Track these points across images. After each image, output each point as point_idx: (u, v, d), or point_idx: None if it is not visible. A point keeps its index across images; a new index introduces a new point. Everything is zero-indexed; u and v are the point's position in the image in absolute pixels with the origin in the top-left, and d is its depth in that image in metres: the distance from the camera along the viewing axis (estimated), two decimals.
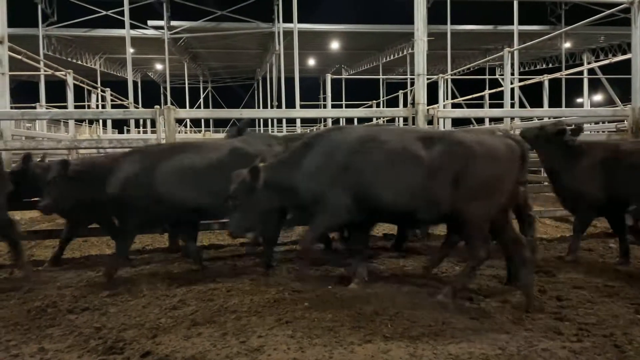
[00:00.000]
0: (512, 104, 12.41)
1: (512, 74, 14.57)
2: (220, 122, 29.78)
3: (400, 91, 19.72)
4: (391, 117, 16.06)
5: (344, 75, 28.98)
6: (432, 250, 5.33)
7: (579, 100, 24.97)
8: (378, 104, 21.09)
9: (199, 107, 28.49)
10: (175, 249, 5.87)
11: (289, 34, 16.73)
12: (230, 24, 20.36)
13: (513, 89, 12.82)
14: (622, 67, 10.46)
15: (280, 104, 17.88)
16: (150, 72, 31.18)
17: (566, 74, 16.86)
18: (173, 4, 19.71)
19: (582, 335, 3.15)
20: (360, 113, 11.50)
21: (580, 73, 17.68)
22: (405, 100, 18.94)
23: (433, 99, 12.91)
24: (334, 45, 24.96)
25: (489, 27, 22.01)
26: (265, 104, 26.34)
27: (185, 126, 26.08)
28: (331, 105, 17.74)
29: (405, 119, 7.27)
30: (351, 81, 27.68)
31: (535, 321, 3.42)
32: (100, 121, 17.05)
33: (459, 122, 18.38)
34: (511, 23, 16.48)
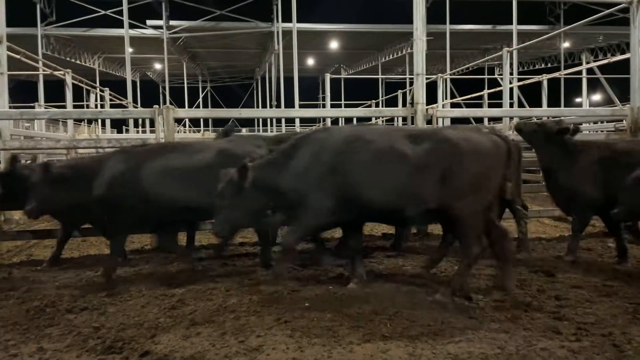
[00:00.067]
0: (511, 104, 12.41)
1: (511, 73, 14.56)
2: (219, 122, 29.76)
3: (400, 91, 19.72)
4: (390, 117, 16.06)
5: (343, 74, 28.98)
6: (431, 250, 5.33)
7: (578, 99, 24.96)
8: (377, 103, 21.07)
9: (198, 107, 28.49)
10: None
11: (288, 33, 16.71)
12: (229, 23, 20.36)
13: (512, 88, 12.82)
14: (621, 67, 10.48)
15: (279, 104, 17.87)
16: (149, 72, 31.16)
17: (565, 74, 16.87)
18: (172, 3, 19.71)
19: (581, 335, 3.16)
20: (359, 113, 11.51)
21: (579, 73, 17.65)
22: (405, 100, 18.96)
23: (432, 98, 12.95)
24: (333, 44, 24.97)
25: (488, 27, 22.01)
26: (264, 103, 26.33)
27: (184, 126, 26.07)
28: (330, 105, 17.68)
29: (404, 119, 7.26)
30: (350, 81, 27.70)
31: (534, 320, 3.42)
32: (99, 121, 17.02)
33: (458, 122, 18.28)
34: (510, 23, 16.45)
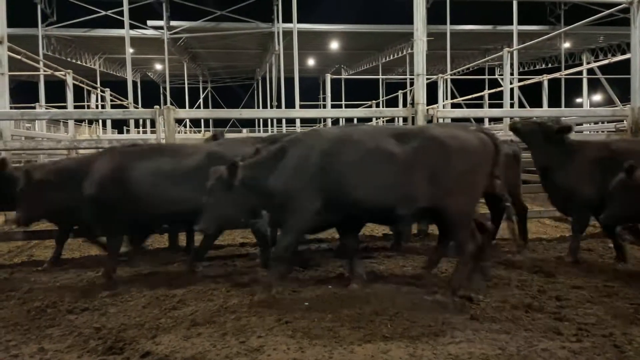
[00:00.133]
0: (512, 104, 12.42)
1: (512, 74, 14.58)
2: (220, 122, 29.82)
3: (400, 91, 19.72)
4: (391, 117, 16.06)
5: (344, 75, 28.94)
6: (430, 251, 5.33)
7: (579, 100, 24.98)
8: (378, 104, 21.08)
9: (198, 107, 28.46)
10: (175, 249, 5.87)
11: (288, 34, 16.71)
12: (229, 24, 20.34)
13: (512, 89, 12.82)
14: (622, 67, 10.49)
15: (279, 104, 17.86)
16: (150, 72, 31.15)
17: (565, 74, 16.87)
18: (172, 4, 19.70)
19: (582, 335, 3.15)
20: (359, 113, 11.50)
21: (580, 73, 17.67)
22: (405, 100, 18.95)
23: (432, 99, 12.93)
24: (334, 45, 24.94)
25: (489, 27, 21.98)
26: (265, 104, 26.32)
27: (184, 126, 26.07)
28: (331, 106, 17.72)
29: (404, 119, 7.27)
30: (351, 81, 27.67)
31: (534, 321, 3.42)
32: (100, 121, 17.02)
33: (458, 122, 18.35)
34: (510, 23, 16.45)
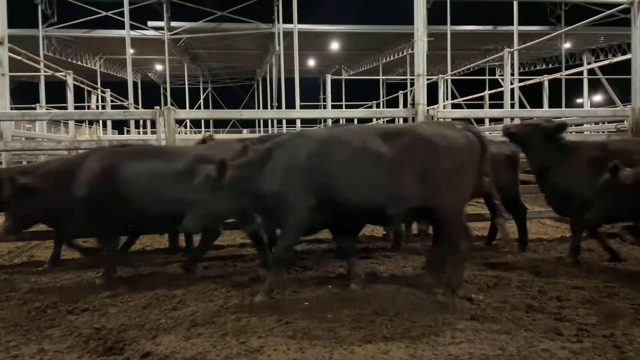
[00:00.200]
0: (512, 105, 12.43)
1: (512, 74, 14.58)
2: (220, 123, 29.87)
3: (400, 92, 19.71)
4: (391, 118, 16.06)
5: (344, 75, 28.98)
6: (428, 251, 5.31)
7: (579, 100, 25.01)
8: (378, 104, 21.08)
9: (199, 108, 28.48)
10: (175, 250, 5.87)
11: (288, 34, 16.72)
12: (230, 24, 20.37)
13: (513, 89, 12.83)
14: (622, 68, 10.47)
15: (280, 105, 17.88)
16: (150, 73, 31.20)
17: (566, 75, 16.87)
18: (173, 4, 19.72)
19: (582, 336, 3.15)
20: (360, 114, 11.48)
21: (580, 73, 17.69)
22: (405, 101, 18.94)
23: (433, 99, 12.93)
24: (334, 45, 24.96)
25: (489, 28, 22.01)
26: (265, 104, 26.38)
27: (185, 127, 26.09)
28: (331, 106, 17.71)
29: (405, 120, 7.27)
30: (351, 82, 27.70)
31: (535, 321, 3.42)
32: (100, 122, 17.06)
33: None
34: (511, 23, 16.46)
